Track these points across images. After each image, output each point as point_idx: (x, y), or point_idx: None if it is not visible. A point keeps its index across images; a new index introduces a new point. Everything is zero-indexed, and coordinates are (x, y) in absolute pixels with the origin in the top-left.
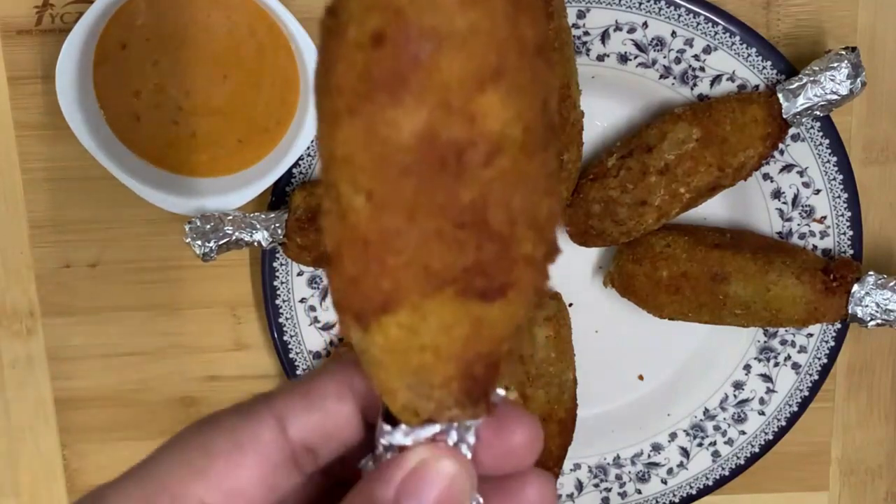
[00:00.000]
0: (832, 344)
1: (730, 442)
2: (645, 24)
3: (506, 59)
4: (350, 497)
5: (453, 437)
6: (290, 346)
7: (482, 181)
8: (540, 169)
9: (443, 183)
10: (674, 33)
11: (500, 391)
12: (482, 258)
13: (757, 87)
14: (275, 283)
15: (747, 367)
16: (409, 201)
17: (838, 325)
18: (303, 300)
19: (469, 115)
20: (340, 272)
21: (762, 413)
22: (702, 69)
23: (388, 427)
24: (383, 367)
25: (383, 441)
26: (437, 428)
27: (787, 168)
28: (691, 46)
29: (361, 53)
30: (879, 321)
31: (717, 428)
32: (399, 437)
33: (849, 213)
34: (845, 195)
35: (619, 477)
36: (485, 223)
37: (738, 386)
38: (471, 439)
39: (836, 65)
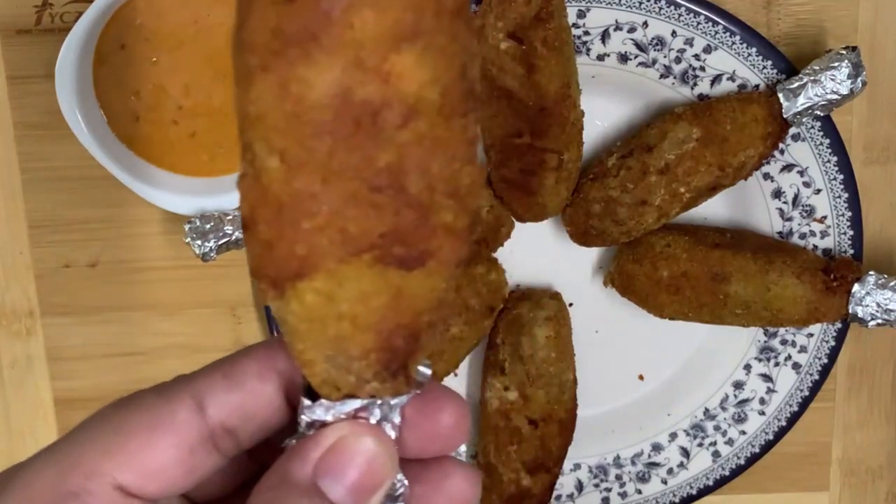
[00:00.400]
0: (833, 344)
1: (730, 442)
2: (645, 24)
3: (421, 19)
4: (267, 476)
5: (376, 414)
6: None
7: (398, 144)
8: (459, 135)
9: (358, 144)
10: (674, 33)
11: (426, 370)
12: (400, 224)
13: (757, 86)
14: None
15: (748, 367)
16: (323, 162)
17: (839, 325)
18: None
19: (383, 74)
20: (256, 236)
21: (762, 413)
22: (702, 69)
23: (308, 402)
24: (301, 336)
25: (304, 417)
26: (358, 403)
27: (788, 168)
28: (691, 46)
29: (274, 9)
30: (880, 321)
31: (717, 428)
32: (319, 412)
33: (849, 213)
34: (846, 195)
35: (619, 477)
36: (402, 188)
37: (738, 386)
38: (395, 418)
39: (836, 64)
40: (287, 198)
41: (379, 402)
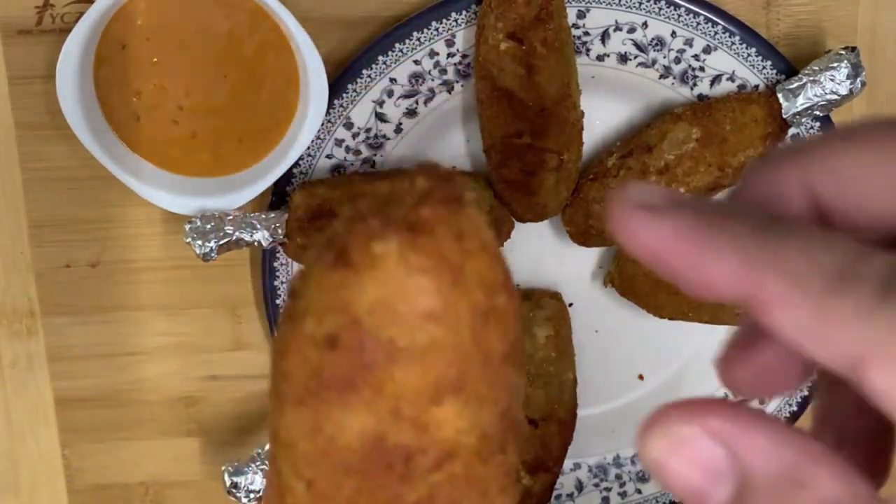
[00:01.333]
0: None
1: None
2: (645, 24)
3: (467, 373)
4: None
5: None
6: None
7: (430, 483)
8: (495, 471)
9: (387, 483)
10: (674, 33)
11: None
12: None
13: (757, 86)
14: (275, 283)
15: None
16: (349, 497)
17: None
18: None
19: (421, 424)
20: None
21: None
22: (702, 69)
23: None
24: None
25: None
26: None
27: None
28: (691, 46)
29: (315, 351)
30: None
31: None
32: None
33: None
34: None
35: (618, 477)
36: None
37: None
38: None
39: (835, 65)
40: None
41: None
